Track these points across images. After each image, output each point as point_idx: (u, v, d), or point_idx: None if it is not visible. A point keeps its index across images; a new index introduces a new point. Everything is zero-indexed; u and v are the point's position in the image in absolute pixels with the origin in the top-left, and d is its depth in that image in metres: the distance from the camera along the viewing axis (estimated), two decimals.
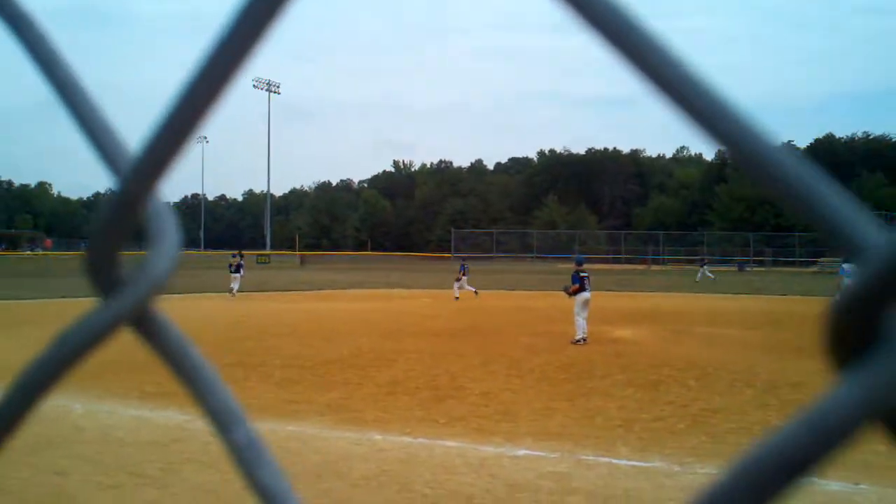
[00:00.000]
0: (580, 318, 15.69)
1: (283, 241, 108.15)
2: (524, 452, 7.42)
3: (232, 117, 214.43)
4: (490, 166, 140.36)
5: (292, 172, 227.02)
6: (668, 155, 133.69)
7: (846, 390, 0.30)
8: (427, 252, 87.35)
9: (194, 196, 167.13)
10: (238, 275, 30.42)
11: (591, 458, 7.24)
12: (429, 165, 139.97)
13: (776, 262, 76.29)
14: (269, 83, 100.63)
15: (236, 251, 34.46)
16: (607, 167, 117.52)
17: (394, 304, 26.17)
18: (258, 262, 66.20)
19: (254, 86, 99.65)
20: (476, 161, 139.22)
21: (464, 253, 59.23)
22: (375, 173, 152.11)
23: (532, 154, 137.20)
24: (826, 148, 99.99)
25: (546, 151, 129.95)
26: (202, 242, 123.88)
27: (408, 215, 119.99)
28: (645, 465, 7.02)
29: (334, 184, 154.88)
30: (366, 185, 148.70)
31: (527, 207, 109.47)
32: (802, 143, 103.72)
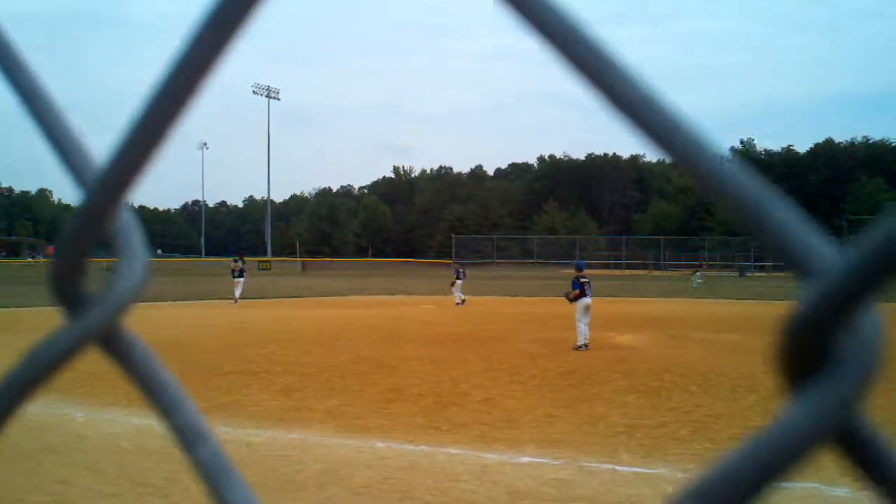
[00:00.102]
0: (581, 324, 15.67)
1: (284, 248, 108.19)
2: (527, 459, 7.41)
3: (232, 124, 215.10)
4: (490, 172, 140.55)
5: (293, 179, 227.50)
6: (668, 160, 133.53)
7: (796, 414, 0.30)
8: (428, 258, 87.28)
9: (195, 203, 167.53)
10: (241, 279, 30.36)
11: (593, 464, 7.22)
12: (429, 171, 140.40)
13: (777, 268, 76.20)
14: (269, 89, 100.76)
15: (237, 255, 34.39)
16: (607, 172, 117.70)
17: (395, 311, 26.15)
18: (259, 269, 66.17)
19: (253, 92, 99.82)
20: (476, 167, 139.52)
21: (465, 259, 59.22)
22: (376, 179, 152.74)
23: (532, 159, 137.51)
24: (826, 152, 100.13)
25: (546, 157, 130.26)
26: (202, 249, 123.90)
27: (408, 221, 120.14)
28: (647, 471, 7.01)
29: (335, 190, 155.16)
30: (366, 191, 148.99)
31: (527, 213, 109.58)
32: (802, 148, 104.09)
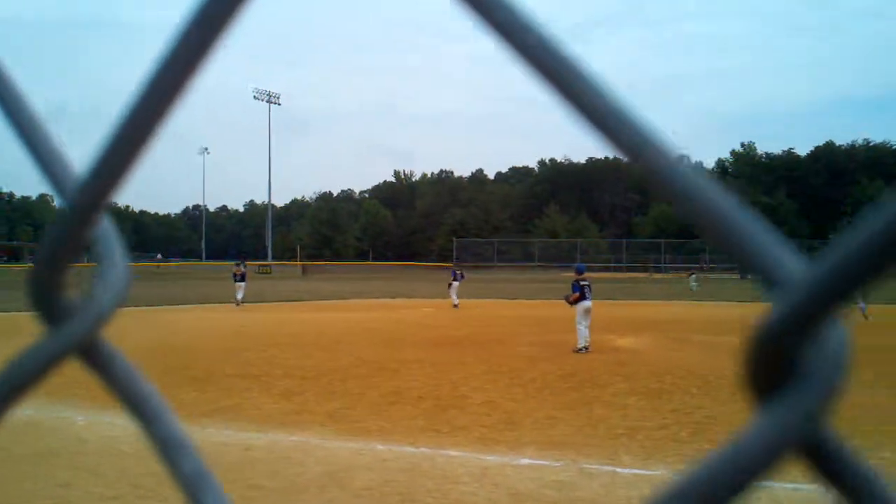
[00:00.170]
0: (582, 327, 15.68)
1: (285, 252, 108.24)
2: (527, 461, 7.41)
3: (233, 129, 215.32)
4: (491, 176, 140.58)
5: (293, 183, 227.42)
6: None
7: (762, 426, 0.30)
8: (429, 262, 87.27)
9: (195, 207, 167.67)
10: (242, 283, 30.44)
11: (594, 466, 7.22)
12: (429, 175, 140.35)
13: None
14: (270, 94, 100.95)
15: (239, 259, 34.43)
16: (608, 176, 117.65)
17: (395, 314, 26.16)
18: (259, 273, 66.19)
19: (254, 97, 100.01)
20: (476, 170, 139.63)
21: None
22: (376, 183, 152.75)
23: (532, 163, 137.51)
24: (826, 155, 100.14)
25: (546, 161, 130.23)
26: (203, 253, 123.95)
27: (409, 225, 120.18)
28: (648, 473, 7.00)
29: (335, 194, 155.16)
30: (367, 194, 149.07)
31: (528, 217, 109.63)
32: (803, 151, 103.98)
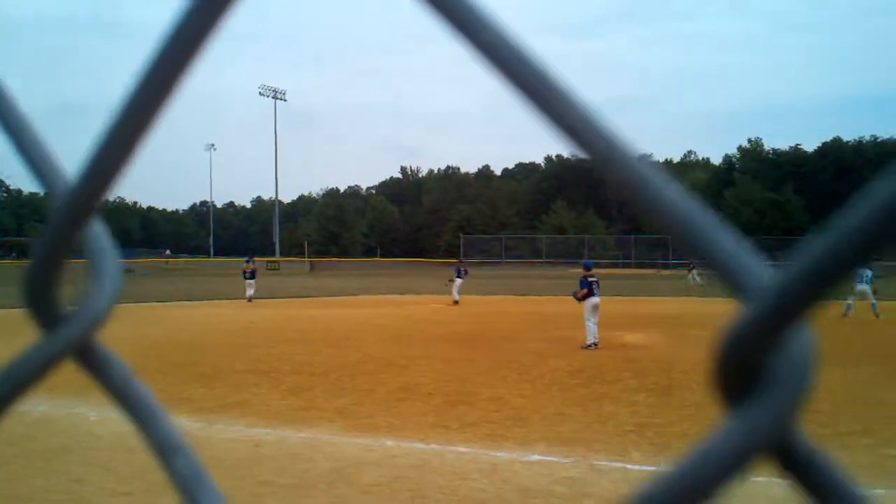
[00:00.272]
0: (590, 323, 15.66)
1: (292, 248, 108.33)
2: (537, 458, 7.41)
3: (239, 125, 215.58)
4: (497, 172, 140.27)
5: (300, 179, 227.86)
6: (676, 159, 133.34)
7: (730, 431, 0.30)
8: (436, 258, 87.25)
9: (203, 203, 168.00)
10: (252, 280, 30.53)
11: (603, 463, 7.22)
12: (436, 171, 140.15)
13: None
14: (276, 90, 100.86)
15: (248, 257, 34.51)
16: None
17: (403, 310, 26.17)
18: (268, 269, 66.31)
19: (260, 93, 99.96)
20: (483, 167, 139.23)
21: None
22: (383, 179, 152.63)
23: (539, 159, 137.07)
24: (834, 151, 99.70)
25: (553, 157, 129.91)
26: (211, 250, 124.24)
27: (416, 221, 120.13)
28: (658, 469, 6.99)
29: (342, 190, 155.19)
30: (374, 191, 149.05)
31: (535, 213, 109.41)
32: (810, 147, 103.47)
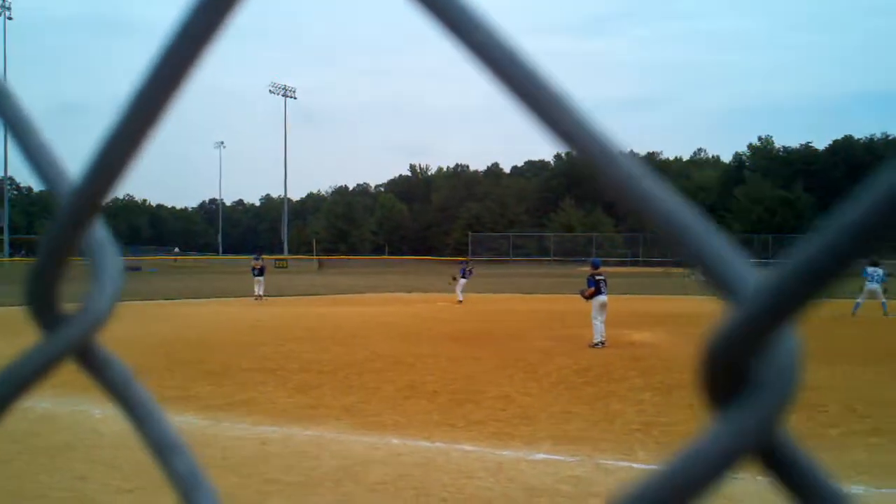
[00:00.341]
0: (597, 322, 15.62)
1: (301, 246, 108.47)
2: (543, 456, 7.39)
3: (248, 123, 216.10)
4: (506, 169, 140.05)
5: (309, 177, 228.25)
6: (686, 157, 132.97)
7: (716, 434, 0.31)
8: (444, 256, 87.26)
9: (212, 201, 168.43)
10: (261, 278, 30.62)
11: (609, 462, 7.20)
12: (445, 169, 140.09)
13: None
14: (285, 88, 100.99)
15: (257, 254, 34.60)
16: None
17: (411, 308, 26.18)
18: (276, 267, 66.50)
19: (270, 91, 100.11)
20: (492, 164, 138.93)
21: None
22: (392, 177, 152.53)
23: (548, 157, 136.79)
24: (845, 149, 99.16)
25: (562, 154, 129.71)
26: (220, 247, 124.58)
27: (425, 219, 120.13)
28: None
29: (351, 188, 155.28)
30: (382, 188, 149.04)
31: (543, 211, 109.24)
32: (821, 145, 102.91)
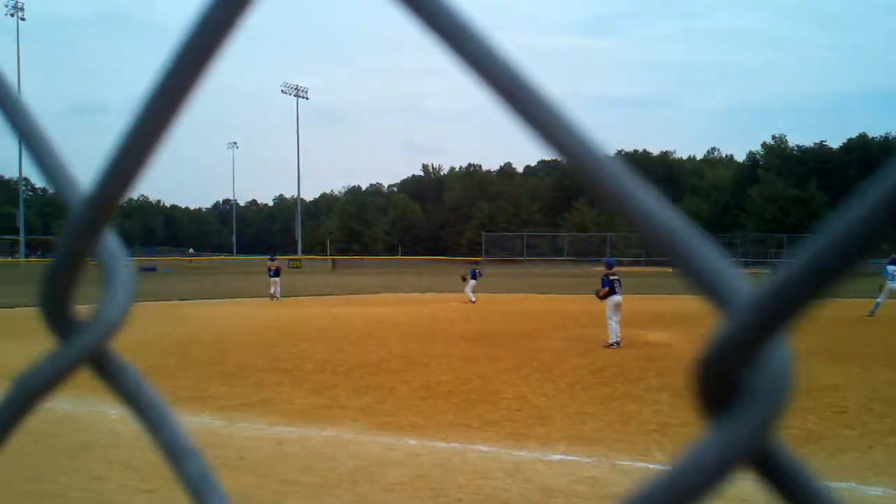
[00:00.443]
0: (613, 322, 15.57)
1: (314, 246, 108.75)
2: (559, 457, 7.38)
3: (261, 123, 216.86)
4: (519, 169, 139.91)
5: (322, 177, 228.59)
6: (699, 156, 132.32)
7: (710, 443, 0.31)
8: (458, 256, 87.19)
9: (226, 202, 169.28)
10: (277, 278, 30.72)
11: (626, 462, 7.17)
12: (458, 169, 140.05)
13: None
14: (298, 88, 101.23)
15: (272, 255, 34.72)
16: (637, 169, 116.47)
17: (425, 308, 26.17)
18: (290, 267, 66.70)
19: (282, 91, 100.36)
20: (505, 164, 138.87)
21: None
22: (405, 177, 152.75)
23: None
24: (860, 147, 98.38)
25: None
26: (234, 248, 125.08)
27: (438, 219, 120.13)
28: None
29: (364, 188, 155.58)
30: (395, 189, 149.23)
31: (557, 210, 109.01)
32: (835, 144, 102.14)
